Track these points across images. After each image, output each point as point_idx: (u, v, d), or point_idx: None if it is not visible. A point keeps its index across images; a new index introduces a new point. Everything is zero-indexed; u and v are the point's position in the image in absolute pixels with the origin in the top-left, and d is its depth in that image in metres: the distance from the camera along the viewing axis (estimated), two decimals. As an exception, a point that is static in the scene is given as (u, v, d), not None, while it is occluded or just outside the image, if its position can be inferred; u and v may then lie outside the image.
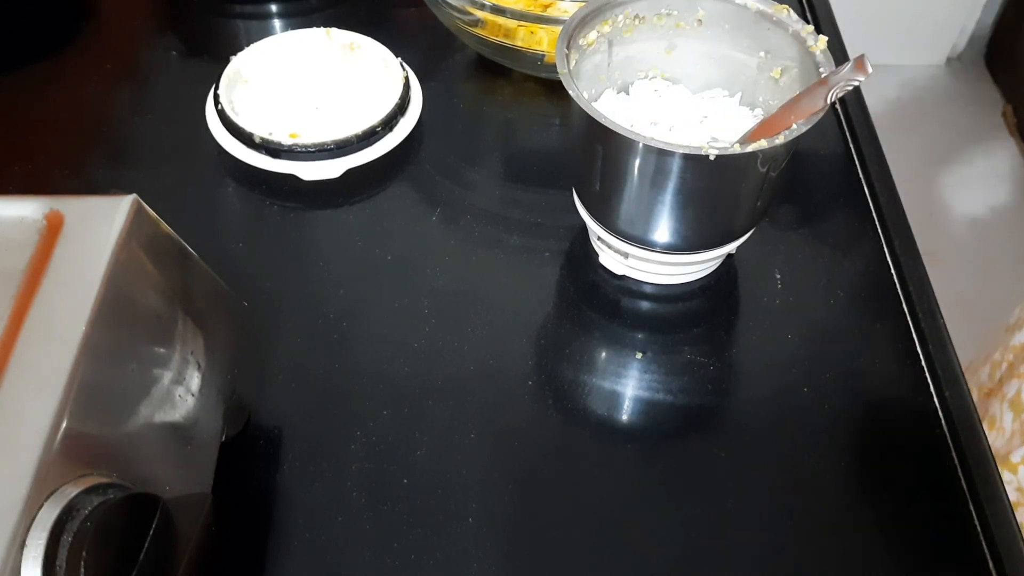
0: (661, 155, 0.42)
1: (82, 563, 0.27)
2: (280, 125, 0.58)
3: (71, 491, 0.28)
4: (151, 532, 0.29)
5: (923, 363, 0.48)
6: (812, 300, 0.51)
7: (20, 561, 0.26)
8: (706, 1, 0.49)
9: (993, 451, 0.45)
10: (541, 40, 0.59)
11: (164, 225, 0.36)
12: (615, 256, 0.50)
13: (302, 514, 0.42)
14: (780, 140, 0.41)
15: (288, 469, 0.44)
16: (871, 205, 0.56)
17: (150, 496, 0.30)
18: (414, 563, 0.41)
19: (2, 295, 0.31)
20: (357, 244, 0.54)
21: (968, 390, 0.47)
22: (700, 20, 0.49)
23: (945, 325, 0.50)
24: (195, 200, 0.57)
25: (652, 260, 0.48)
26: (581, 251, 0.53)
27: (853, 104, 0.62)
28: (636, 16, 0.49)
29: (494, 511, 0.43)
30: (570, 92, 0.43)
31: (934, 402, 0.47)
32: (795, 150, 0.44)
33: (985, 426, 0.56)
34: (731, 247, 0.49)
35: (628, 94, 0.51)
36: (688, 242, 0.47)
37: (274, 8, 0.71)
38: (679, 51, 0.51)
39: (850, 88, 0.40)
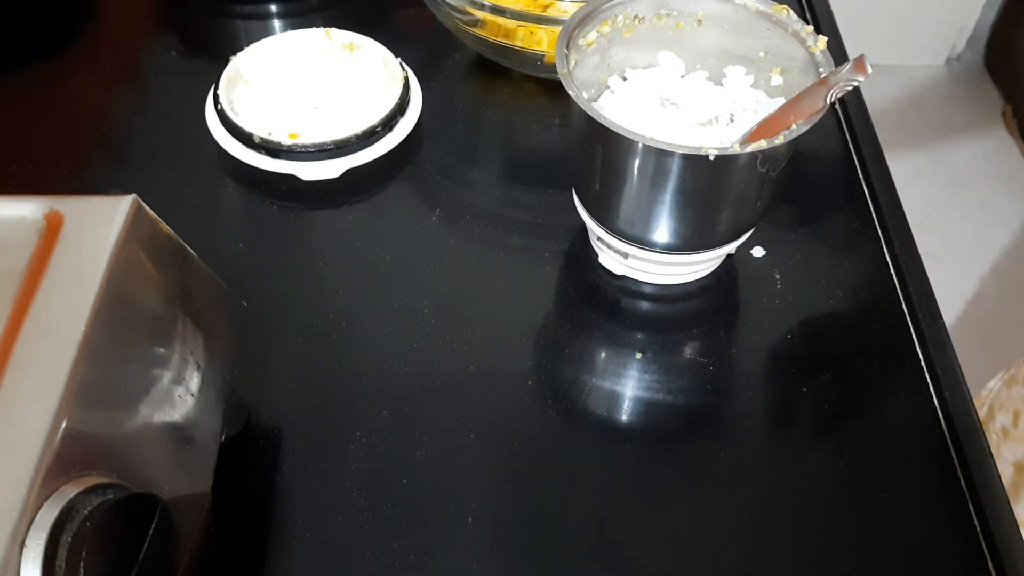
0: (660, 155, 0.42)
1: (82, 563, 0.27)
2: (280, 125, 0.58)
3: (71, 491, 0.28)
4: (151, 532, 0.29)
5: (923, 363, 0.48)
6: (812, 300, 0.51)
7: (20, 561, 0.26)
8: (706, 1, 0.49)
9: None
10: (541, 40, 0.59)
11: (164, 225, 0.36)
12: (615, 256, 0.50)
13: (302, 514, 0.42)
14: (780, 140, 0.41)
15: (288, 469, 0.44)
16: (871, 205, 0.56)
17: (150, 496, 0.30)
18: (414, 563, 0.41)
19: (2, 295, 0.31)
20: (357, 244, 0.54)
21: (968, 390, 0.47)
22: (700, 20, 0.49)
23: (945, 325, 0.50)
24: (195, 200, 0.57)
25: (652, 260, 0.48)
26: (581, 251, 0.53)
27: (853, 104, 0.62)
28: (636, 16, 0.49)
29: (494, 511, 0.43)
30: (570, 92, 0.43)
31: (934, 402, 0.47)
32: (795, 150, 0.44)
33: None
34: (731, 247, 0.49)
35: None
36: (688, 242, 0.47)
37: (274, 8, 0.70)
38: (679, 51, 0.51)
39: (850, 88, 0.40)
